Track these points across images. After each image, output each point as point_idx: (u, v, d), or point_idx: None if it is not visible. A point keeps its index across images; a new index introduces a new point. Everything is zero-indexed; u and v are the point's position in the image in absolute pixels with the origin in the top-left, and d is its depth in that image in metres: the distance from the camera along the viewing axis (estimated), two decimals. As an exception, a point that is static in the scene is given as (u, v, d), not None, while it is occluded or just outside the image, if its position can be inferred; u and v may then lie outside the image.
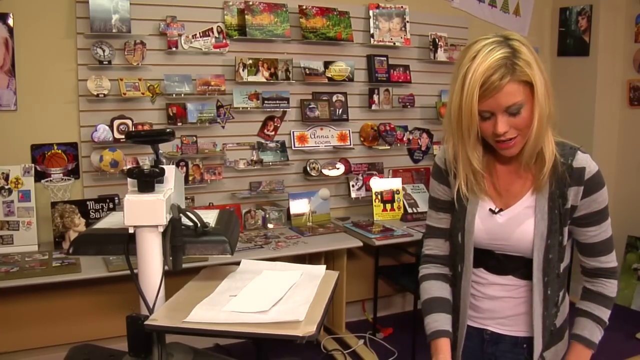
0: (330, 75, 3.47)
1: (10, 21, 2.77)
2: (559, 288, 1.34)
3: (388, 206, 3.59)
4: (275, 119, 3.42)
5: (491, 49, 1.16)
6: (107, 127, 2.94)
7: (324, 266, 1.34)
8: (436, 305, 1.39)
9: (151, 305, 1.09)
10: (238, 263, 1.39)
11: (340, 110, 3.56)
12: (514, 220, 1.30)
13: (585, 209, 1.28)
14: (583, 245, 1.33)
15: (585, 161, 1.27)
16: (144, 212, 1.05)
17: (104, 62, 2.91)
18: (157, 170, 1.09)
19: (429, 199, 1.46)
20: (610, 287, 1.34)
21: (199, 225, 1.15)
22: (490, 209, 1.32)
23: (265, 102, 3.31)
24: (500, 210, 1.31)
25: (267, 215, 3.33)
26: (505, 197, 1.32)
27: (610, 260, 1.34)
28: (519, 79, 1.16)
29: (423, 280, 1.44)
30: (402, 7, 3.64)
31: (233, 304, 1.11)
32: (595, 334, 1.33)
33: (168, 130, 1.16)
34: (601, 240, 1.31)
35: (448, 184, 1.39)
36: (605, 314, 1.34)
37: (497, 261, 1.34)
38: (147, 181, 1.07)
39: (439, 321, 1.36)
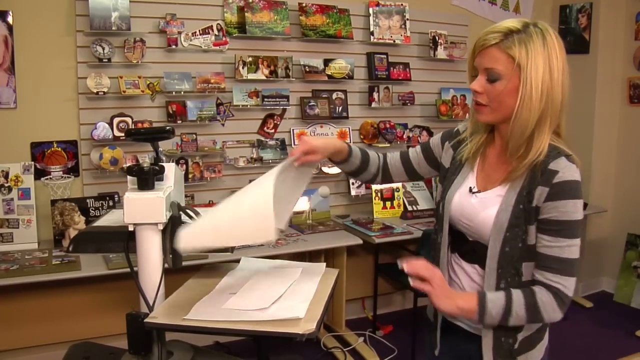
0: (330, 73, 3.47)
1: (10, 19, 2.77)
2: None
3: (388, 204, 3.59)
4: (275, 117, 3.41)
5: (510, 20, 1.21)
6: (106, 125, 2.94)
7: (324, 264, 1.34)
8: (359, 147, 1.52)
9: (151, 303, 1.09)
10: (238, 261, 1.39)
11: (340, 108, 3.55)
12: (482, 204, 1.30)
13: (546, 213, 1.21)
14: (536, 252, 1.24)
15: (561, 166, 1.20)
16: (144, 210, 1.05)
17: (104, 60, 2.91)
18: (156, 168, 1.09)
19: (422, 143, 1.55)
20: (545, 303, 1.21)
21: (198, 223, 1.15)
22: (470, 187, 1.34)
23: (265, 99, 3.31)
24: (478, 191, 1.32)
25: (267, 213, 3.32)
26: (487, 180, 1.34)
27: (558, 282, 1.20)
28: (504, 49, 1.18)
29: None
30: (402, 4, 3.64)
31: (233, 302, 1.11)
32: (495, 312, 1.21)
33: (168, 128, 1.16)
34: (554, 255, 1.21)
35: (444, 144, 1.47)
36: (519, 314, 1.21)
37: (470, 247, 1.34)
38: (147, 179, 1.07)
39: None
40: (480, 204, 1.31)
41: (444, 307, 1.24)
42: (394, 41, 3.62)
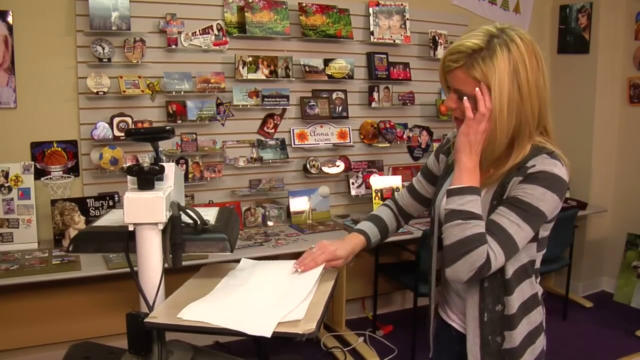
0: (330, 73, 3.47)
1: (10, 19, 2.77)
2: (505, 290, 1.26)
3: (388, 204, 3.59)
4: (275, 117, 3.41)
5: (475, 34, 1.19)
6: (106, 125, 2.94)
7: (324, 264, 1.34)
8: (371, 218, 1.55)
9: (151, 303, 1.09)
10: (238, 261, 1.39)
11: (340, 108, 3.55)
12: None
13: (514, 192, 1.19)
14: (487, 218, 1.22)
15: (539, 161, 1.18)
16: (144, 210, 1.05)
17: (104, 60, 2.91)
18: (156, 167, 1.09)
19: (421, 169, 1.57)
20: (474, 255, 1.14)
21: (198, 222, 1.15)
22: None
23: (265, 99, 3.31)
24: None
25: (267, 213, 3.33)
26: None
27: (492, 250, 1.15)
28: (468, 72, 1.18)
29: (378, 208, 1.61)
30: (402, 4, 3.64)
31: (231, 301, 1.11)
32: (464, 204, 1.18)
33: (168, 127, 1.16)
34: (500, 223, 1.17)
35: (438, 157, 1.49)
36: (459, 233, 1.16)
37: None
38: (147, 179, 1.07)
39: (363, 225, 1.52)
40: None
41: (459, 146, 1.22)
42: (394, 41, 3.62)
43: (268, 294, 1.15)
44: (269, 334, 0.98)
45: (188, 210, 1.15)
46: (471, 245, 1.15)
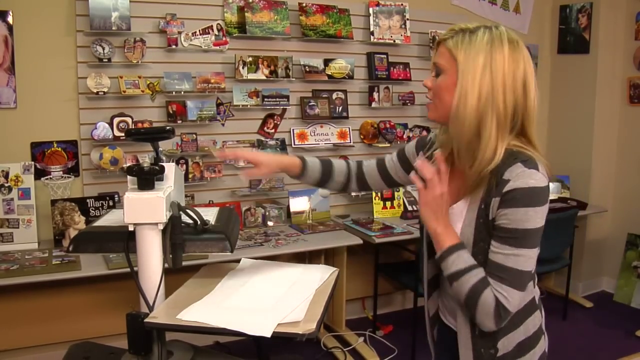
0: (330, 73, 3.47)
1: (10, 19, 2.77)
2: None
3: (388, 204, 3.59)
4: (275, 117, 3.41)
5: (471, 23, 1.24)
6: (107, 125, 2.94)
7: (324, 266, 1.34)
8: (321, 158, 1.53)
9: (151, 303, 1.09)
10: (238, 261, 1.39)
11: (340, 108, 3.55)
12: (451, 220, 1.28)
13: (498, 220, 1.18)
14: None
15: (514, 174, 1.15)
16: (144, 210, 1.05)
17: (104, 60, 2.91)
18: (157, 167, 1.09)
19: (398, 151, 1.54)
20: (484, 304, 1.16)
21: (198, 222, 1.15)
22: None
23: (265, 99, 3.31)
24: None
25: (267, 213, 3.33)
26: (454, 195, 1.30)
27: (500, 292, 1.16)
28: (448, 45, 1.20)
29: None
30: (402, 4, 3.64)
31: (232, 302, 1.11)
32: (451, 266, 1.21)
33: (168, 128, 1.16)
34: (497, 262, 1.17)
35: (418, 152, 1.47)
36: (461, 289, 1.19)
37: None
38: (147, 179, 1.07)
39: (306, 156, 1.51)
40: (449, 220, 1.29)
41: (424, 217, 1.26)
42: (394, 41, 3.62)
43: (268, 295, 1.15)
44: (268, 334, 0.98)
45: (188, 210, 1.15)
46: (475, 297, 1.18)
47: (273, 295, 1.14)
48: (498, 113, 1.16)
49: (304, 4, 3.38)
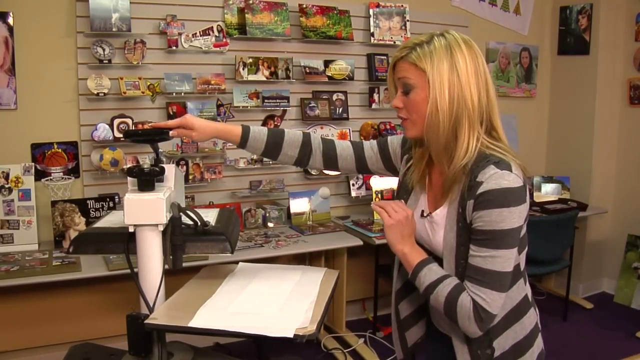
0: (330, 74, 3.47)
1: (10, 20, 2.77)
2: None
3: (388, 205, 3.59)
4: (276, 118, 3.41)
5: (418, 36, 1.26)
6: (107, 126, 2.94)
7: (324, 269, 1.34)
8: (274, 128, 1.49)
9: (151, 304, 1.09)
10: (238, 262, 1.39)
11: (341, 109, 3.56)
12: (433, 226, 1.31)
13: (474, 223, 1.19)
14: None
15: (486, 176, 1.17)
16: (144, 211, 1.05)
17: (104, 61, 2.91)
18: (157, 169, 1.09)
19: (379, 140, 1.53)
20: (463, 308, 1.18)
21: (199, 224, 1.15)
22: (422, 211, 1.34)
23: (266, 100, 3.31)
24: (429, 214, 1.32)
25: (267, 214, 3.33)
26: (435, 200, 1.33)
27: (478, 294, 1.17)
28: (412, 61, 1.22)
29: None
30: (402, 5, 3.64)
31: (235, 307, 1.11)
32: (425, 281, 1.24)
33: (166, 129, 1.16)
34: (474, 264, 1.19)
35: (401, 156, 1.47)
36: (439, 299, 1.21)
37: (440, 262, 1.31)
38: (147, 180, 1.07)
39: (254, 126, 1.46)
40: (431, 227, 1.31)
41: (391, 241, 1.29)
42: (395, 42, 3.62)
43: (271, 299, 1.15)
44: (291, 334, 0.99)
45: (188, 212, 1.15)
46: (453, 304, 1.20)
47: (274, 300, 1.14)
48: (469, 111, 1.21)
49: (304, 5, 3.38)
